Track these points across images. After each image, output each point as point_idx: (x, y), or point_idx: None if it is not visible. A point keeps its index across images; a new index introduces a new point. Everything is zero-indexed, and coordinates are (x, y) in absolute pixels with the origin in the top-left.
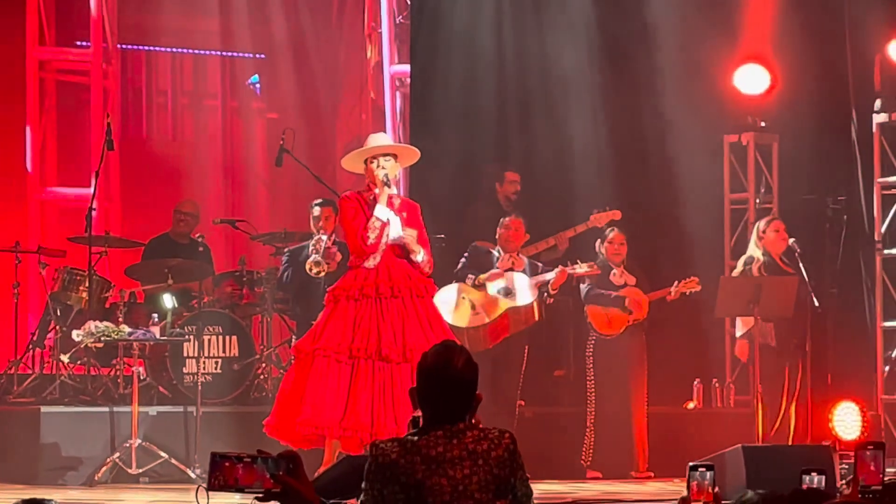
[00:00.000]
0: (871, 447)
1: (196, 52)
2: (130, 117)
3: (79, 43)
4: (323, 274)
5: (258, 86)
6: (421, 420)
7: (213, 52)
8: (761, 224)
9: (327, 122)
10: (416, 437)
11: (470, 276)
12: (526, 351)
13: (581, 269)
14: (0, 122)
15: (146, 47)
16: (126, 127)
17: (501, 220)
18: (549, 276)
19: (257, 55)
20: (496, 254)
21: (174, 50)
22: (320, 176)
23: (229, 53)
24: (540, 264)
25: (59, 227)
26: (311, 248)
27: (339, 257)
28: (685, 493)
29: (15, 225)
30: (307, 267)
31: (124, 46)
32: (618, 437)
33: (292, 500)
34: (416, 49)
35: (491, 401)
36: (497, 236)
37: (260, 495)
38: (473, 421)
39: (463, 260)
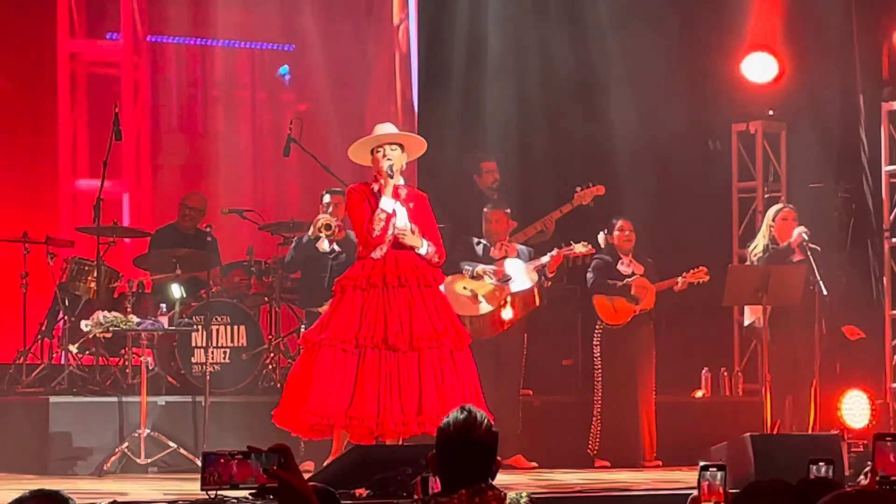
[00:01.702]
0: (891, 439)
1: (225, 43)
2: (161, 109)
3: (109, 35)
4: (332, 237)
5: (287, 77)
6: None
7: (243, 44)
8: (772, 211)
9: (356, 114)
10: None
11: (466, 267)
12: (525, 339)
13: (578, 248)
14: (31, 114)
15: (176, 39)
16: (156, 119)
17: (484, 213)
18: (545, 259)
19: (286, 46)
20: (486, 245)
21: (204, 41)
22: (349, 166)
23: (258, 45)
24: (531, 249)
25: (89, 219)
26: (313, 228)
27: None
28: (695, 492)
29: (46, 217)
30: (316, 228)
31: (154, 39)
32: (625, 427)
33: (285, 492)
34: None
35: (493, 390)
36: (483, 227)
37: (254, 491)
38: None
39: (457, 252)
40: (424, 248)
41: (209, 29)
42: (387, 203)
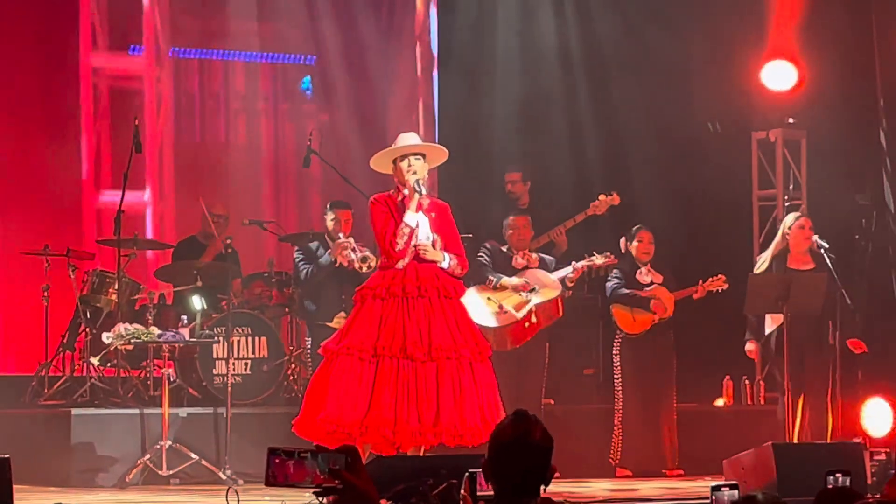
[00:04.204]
0: None
1: (247, 55)
2: (184, 122)
3: (131, 49)
4: (373, 265)
5: (310, 89)
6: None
7: (264, 56)
8: (789, 219)
9: (378, 125)
10: None
11: (491, 277)
12: (547, 348)
13: (599, 259)
14: (55, 128)
15: (198, 52)
16: (179, 131)
17: (507, 219)
18: (567, 271)
19: (308, 58)
20: (508, 253)
21: (225, 54)
22: (370, 177)
23: (280, 57)
24: (553, 259)
25: (112, 232)
26: (334, 252)
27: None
28: None
29: (71, 231)
30: (356, 266)
31: (176, 52)
32: (646, 436)
33: (350, 495)
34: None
35: (516, 399)
36: (506, 236)
37: (318, 490)
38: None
39: (480, 260)
40: (446, 261)
41: (231, 41)
42: (411, 218)
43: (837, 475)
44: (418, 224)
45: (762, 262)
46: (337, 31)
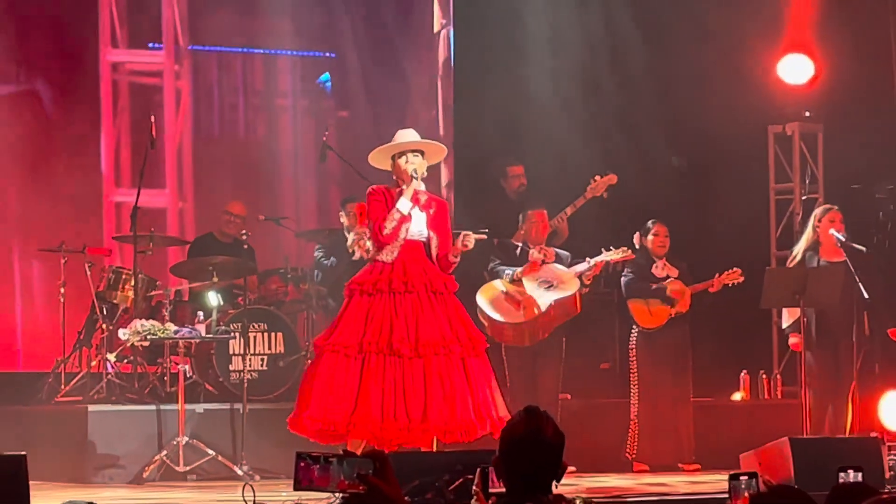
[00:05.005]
0: None
1: (266, 51)
2: (202, 118)
3: (151, 45)
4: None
5: (329, 84)
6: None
7: (283, 52)
8: (818, 212)
9: (397, 120)
10: None
11: (507, 272)
12: (563, 343)
13: (615, 255)
14: (75, 125)
15: (217, 48)
16: (198, 127)
17: (524, 213)
18: (583, 266)
19: (327, 54)
20: (523, 247)
21: (244, 50)
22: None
23: (299, 52)
24: (569, 254)
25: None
26: (352, 245)
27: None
28: (728, 502)
29: (90, 227)
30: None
31: (195, 47)
32: (663, 430)
33: (377, 500)
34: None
35: (532, 395)
36: (522, 230)
37: (346, 496)
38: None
39: (492, 265)
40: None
41: (250, 37)
42: (404, 204)
43: (849, 471)
44: (412, 216)
45: (795, 254)
46: (356, 26)
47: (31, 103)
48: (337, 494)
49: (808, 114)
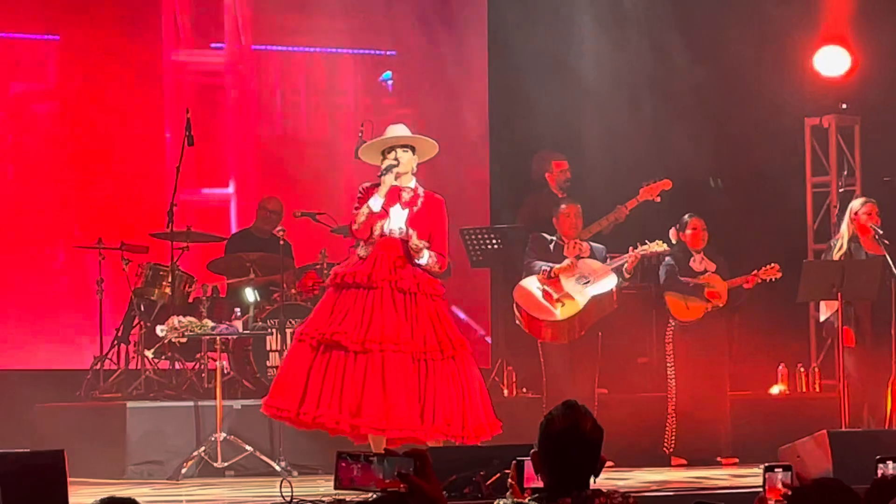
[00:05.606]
0: None
1: (328, 50)
2: (265, 117)
3: (213, 45)
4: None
5: (390, 82)
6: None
7: (345, 50)
8: (856, 204)
9: (453, 118)
10: None
11: (544, 268)
12: (600, 337)
13: (653, 248)
14: (140, 125)
15: (279, 47)
16: (261, 127)
17: (557, 207)
18: (621, 261)
19: (388, 52)
20: (558, 242)
21: (307, 49)
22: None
23: (360, 51)
24: (604, 248)
25: (197, 227)
26: None
27: None
28: (762, 492)
29: (155, 226)
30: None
31: (258, 47)
32: (700, 424)
33: (418, 499)
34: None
35: (569, 391)
36: (555, 224)
37: (383, 495)
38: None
39: (528, 251)
40: (425, 258)
41: (312, 36)
42: (375, 202)
43: (888, 462)
44: (390, 213)
45: (838, 246)
46: (415, 25)
47: (95, 103)
48: (376, 493)
49: (844, 106)
